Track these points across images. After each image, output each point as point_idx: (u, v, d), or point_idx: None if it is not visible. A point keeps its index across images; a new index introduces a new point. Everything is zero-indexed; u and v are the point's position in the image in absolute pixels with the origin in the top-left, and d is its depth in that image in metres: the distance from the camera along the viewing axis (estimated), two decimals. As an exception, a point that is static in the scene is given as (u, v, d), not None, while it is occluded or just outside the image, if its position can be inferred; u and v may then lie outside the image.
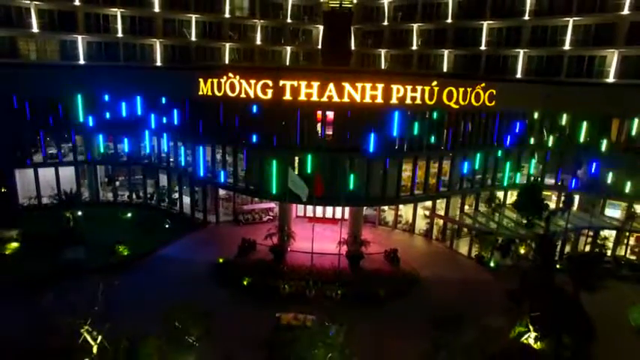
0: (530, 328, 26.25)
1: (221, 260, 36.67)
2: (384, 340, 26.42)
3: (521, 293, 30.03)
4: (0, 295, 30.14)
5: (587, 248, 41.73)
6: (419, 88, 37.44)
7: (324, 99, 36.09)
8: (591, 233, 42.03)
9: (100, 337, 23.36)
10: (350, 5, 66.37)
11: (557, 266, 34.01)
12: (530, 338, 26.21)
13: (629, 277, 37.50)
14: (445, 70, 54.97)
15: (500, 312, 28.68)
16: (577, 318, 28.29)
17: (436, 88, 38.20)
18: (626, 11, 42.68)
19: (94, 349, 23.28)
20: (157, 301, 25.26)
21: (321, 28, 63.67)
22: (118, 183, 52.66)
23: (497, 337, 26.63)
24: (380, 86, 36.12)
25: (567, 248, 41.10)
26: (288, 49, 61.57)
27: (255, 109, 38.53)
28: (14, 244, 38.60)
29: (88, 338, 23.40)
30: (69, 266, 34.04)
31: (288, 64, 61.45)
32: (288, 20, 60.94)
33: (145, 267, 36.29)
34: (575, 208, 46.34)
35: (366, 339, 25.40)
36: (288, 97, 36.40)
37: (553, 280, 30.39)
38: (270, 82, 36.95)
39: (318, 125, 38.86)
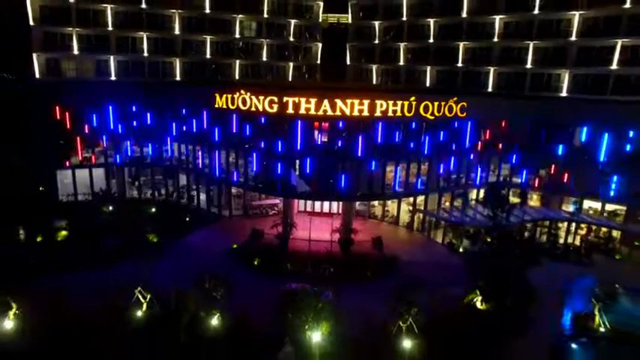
0: (478, 293, 33.30)
1: (235, 246, 43.59)
2: (364, 302, 33.29)
3: (478, 270, 37.17)
4: (72, 268, 37.20)
5: (545, 237, 48.88)
6: (399, 102, 44.44)
7: (320, 112, 43.10)
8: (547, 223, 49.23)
9: (148, 296, 30.71)
10: (346, 22, 73.14)
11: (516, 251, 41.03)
12: (478, 301, 33.24)
13: (571, 259, 44.36)
14: (428, 83, 61.76)
15: (460, 284, 35.78)
16: (520, 287, 35.39)
17: (414, 103, 45.19)
18: (574, 38, 49.78)
19: (144, 306, 30.62)
20: (186, 274, 32.32)
21: (320, 45, 70.62)
22: (139, 182, 59.56)
23: (454, 301, 33.98)
24: (366, 102, 43.16)
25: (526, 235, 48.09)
26: (291, 64, 68.52)
27: (263, 120, 45.76)
28: (64, 233, 45.48)
29: (140, 297, 30.75)
30: (111, 250, 41.34)
31: (291, 78, 68.30)
32: (291, 39, 68.00)
33: (173, 251, 43.14)
34: (538, 203, 53.65)
35: (350, 302, 32.34)
36: (290, 110, 43.44)
37: (504, 260, 37.48)
38: (275, 99, 44.04)
39: (316, 133, 46.03)
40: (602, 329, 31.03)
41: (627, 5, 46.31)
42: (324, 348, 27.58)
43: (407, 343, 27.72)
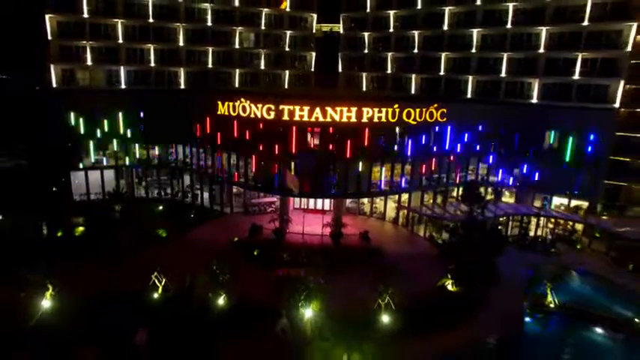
0: (449, 277, 38.15)
1: (236, 239, 48.14)
2: (350, 284, 37.83)
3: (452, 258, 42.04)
4: (95, 256, 41.67)
5: (517, 230, 53.88)
6: (384, 109, 49.26)
7: (313, 119, 47.95)
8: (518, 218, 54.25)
9: (163, 280, 35.44)
10: (338, 31, 77.64)
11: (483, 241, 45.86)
12: (449, 285, 38.09)
13: (538, 249, 49.25)
14: (413, 90, 66.39)
15: (436, 271, 40.58)
16: (487, 272, 40.26)
17: (397, 109, 50.04)
18: (542, 50, 54.79)
19: (160, 288, 35.34)
20: (195, 262, 37.07)
21: (314, 54, 75.25)
22: (147, 182, 63.99)
23: (429, 285, 38.78)
24: (354, 109, 47.95)
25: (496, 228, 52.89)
26: (287, 72, 73.22)
27: (261, 125, 50.46)
28: (81, 228, 49.94)
29: (156, 281, 35.45)
30: (125, 243, 45.90)
31: (287, 85, 73.03)
32: (287, 49, 72.67)
33: (181, 244, 47.66)
34: (512, 199, 58.73)
35: (338, 284, 37.02)
36: (286, 117, 48.16)
37: (473, 249, 42.36)
38: (272, 106, 48.77)
39: (309, 137, 50.84)
40: (552, 306, 36.00)
41: (585, 23, 51.41)
42: (315, 321, 32.32)
43: (385, 317, 32.54)
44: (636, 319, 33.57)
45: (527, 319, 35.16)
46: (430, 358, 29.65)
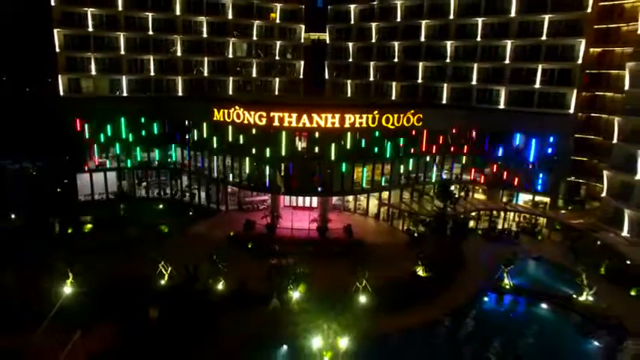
0: (420, 264, 43.30)
1: (232, 233, 52.73)
2: (332, 271, 42.24)
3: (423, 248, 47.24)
4: (105, 250, 45.80)
5: (486, 223, 59.27)
6: (364, 115, 54.35)
7: (300, 124, 52.96)
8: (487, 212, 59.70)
9: (169, 269, 40.20)
10: (325, 39, 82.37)
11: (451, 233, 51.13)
12: (420, 271, 43.24)
13: (504, 239, 54.57)
14: (394, 96, 71.47)
15: (410, 259, 45.59)
16: (454, 258, 45.55)
17: (377, 115, 55.17)
18: (507, 61, 60.27)
19: (166, 276, 40.11)
20: (196, 253, 41.85)
21: (302, 62, 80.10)
22: (148, 183, 68.41)
23: (403, 270, 43.80)
24: (337, 116, 52.96)
25: (472, 223, 58.31)
26: (277, 79, 78.00)
27: (253, 130, 55.29)
28: (89, 226, 54.07)
29: (163, 270, 40.21)
30: (132, 238, 50.35)
31: (277, 91, 77.83)
32: (277, 58, 77.44)
33: (182, 238, 52.00)
34: (483, 196, 64.13)
35: (322, 271, 41.78)
36: (276, 123, 53.11)
37: (442, 240, 47.69)
38: (264, 113, 53.64)
39: (297, 140, 55.82)
40: (507, 287, 41.34)
41: (544, 37, 56.88)
42: (302, 303, 37.22)
43: (362, 297, 37.60)
44: (574, 296, 38.94)
45: (485, 298, 40.45)
46: (396, 329, 34.69)
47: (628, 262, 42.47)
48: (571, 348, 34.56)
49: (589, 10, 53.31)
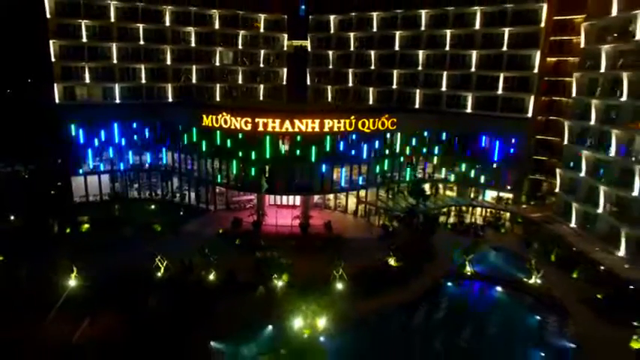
0: (391, 255, 47.81)
1: (221, 230, 56.52)
2: (313, 262, 46.15)
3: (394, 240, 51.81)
4: (103, 247, 48.97)
5: (456, 218, 64.16)
6: (342, 120, 58.69)
7: (284, 129, 57.16)
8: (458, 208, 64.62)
9: (165, 262, 44.01)
10: (306, 45, 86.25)
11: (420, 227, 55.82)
12: (392, 261, 47.74)
13: (470, 232, 59.31)
14: (371, 101, 75.86)
15: (384, 251, 50.00)
16: (424, 249, 50.18)
17: (354, 120, 59.56)
18: (473, 69, 65.29)
19: (162, 269, 43.93)
20: (188, 249, 45.74)
21: (285, 69, 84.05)
22: (140, 184, 71.84)
23: (376, 261, 48.20)
24: (317, 121, 57.22)
25: (442, 218, 63.09)
26: (262, 86, 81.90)
27: (240, 135, 59.26)
28: (86, 225, 57.13)
29: (159, 264, 44.01)
30: (127, 236, 53.81)
31: (262, 97, 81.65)
32: (262, 65, 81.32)
33: (174, 236, 55.16)
34: (454, 193, 69.05)
35: (303, 263, 45.87)
36: (261, 128, 57.18)
37: (412, 233, 52.32)
38: (249, 119, 57.60)
39: (280, 144, 59.95)
40: (469, 273, 46.14)
41: (504, 48, 62.01)
42: (285, 290, 41.40)
43: (338, 284, 41.95)
44: (524, 279, 43.93)
45: (449, 283, 45.21)
46: (368, 311, 39.07)
47: (574, 249, 47.60)
48: (518, 322, 39.50)
49: (542, 24, 58.52)
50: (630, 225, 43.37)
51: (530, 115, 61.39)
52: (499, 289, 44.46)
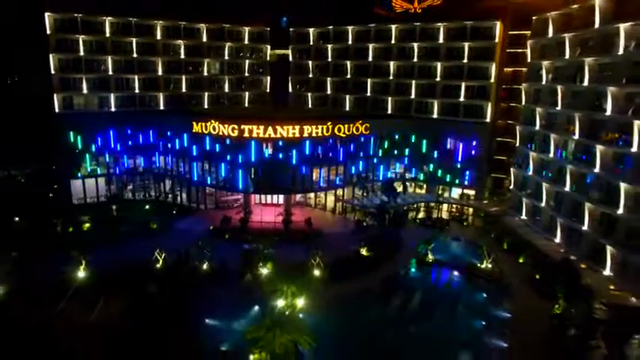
0: (363, 245, 53.69)
1: (212, 227, 61.85)
2: (294, 253, 51.03)
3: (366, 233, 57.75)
4: (105, 244, 53.65)
5: (423, 213, 70.43)
6: (320, 126, 64.43)
7: (267, 135, 62.73)
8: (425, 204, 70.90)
9: (163, 255, 49.25)
10: (288, 53, 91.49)
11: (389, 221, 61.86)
12: (363, 251, 53.61)
13: (436, 226, 65.63)
14: (347, 107, 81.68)
15: (357, 243, 55.75)
16: (392, 241, 56.18)
17: (330, 126, 65.35)
18: (439, 79, 71.69)
19: (160, 261, 49.16)
20: (183, 243, 51.02)
21: (268, 78, 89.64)
22: (134, 186, 76.58)
23: (350, 251, 53.98)
24: (297, 127, 62.91)
25: (412, 213, 69.33)
26: (247, 93, 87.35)
27: (227, 140, 64.66)
28: (87, 224, 61.93)
29: (158, 256, 49.22)
30: (126, 234, 58.69)
31: (247, 104, 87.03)
32: (246, 74, 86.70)
33: (169, 233, 60.33)
34: (423, 190, 75.34)
35: (286, 254, 51.21)
36: (247, 134, 62.71)
37: (381, 227, 58.34)
38: (236, 126, 62.93)
39: (264, 147, 65.48)
40: (430, 260, 52.36)
41: (465, 61, 68.52)
42: (270, 277, 46.94)
43: (316, 272, 47.70)
44: (478, 264, 50.29)
45: (412, 269, 51.33)
46: (340, 294, 44.79)
47: (523, 238, 54.19)
48: (467, 299, 45.67)
49: (497, 39, 65.21)
50: (564, 216, 49.97)
51: (489, 120, 67.98)
52: (455, 272, 50.77)
